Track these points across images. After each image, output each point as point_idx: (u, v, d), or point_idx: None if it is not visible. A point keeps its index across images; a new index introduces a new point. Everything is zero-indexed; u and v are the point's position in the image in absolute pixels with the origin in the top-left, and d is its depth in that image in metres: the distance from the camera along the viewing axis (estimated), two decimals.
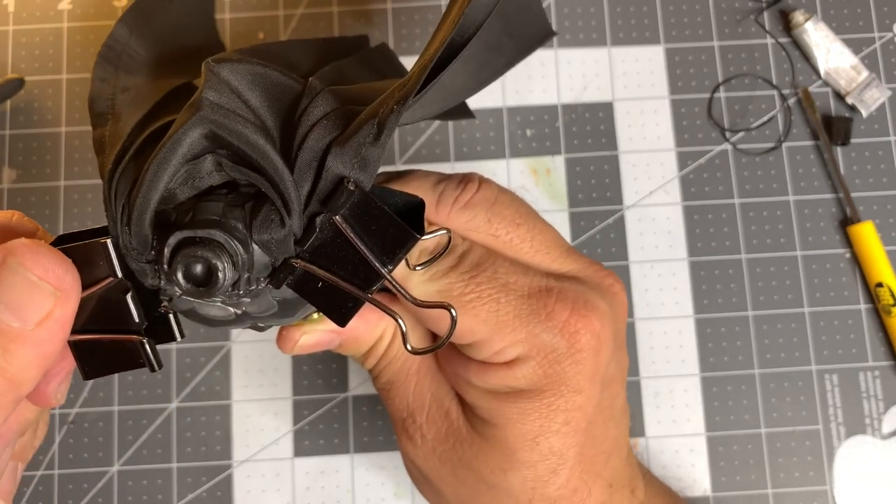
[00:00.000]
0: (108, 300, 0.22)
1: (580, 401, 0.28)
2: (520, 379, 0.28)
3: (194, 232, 0.20)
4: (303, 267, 0.21)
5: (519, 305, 0.27)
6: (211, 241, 0.20)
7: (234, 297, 0.21)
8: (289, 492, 0.40)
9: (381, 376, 0.31)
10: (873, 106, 0.43)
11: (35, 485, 0.40)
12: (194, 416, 0.40)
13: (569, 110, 0.43)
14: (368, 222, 0.21)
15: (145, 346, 0.22)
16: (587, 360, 0.28)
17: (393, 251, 0.21)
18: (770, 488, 0.40)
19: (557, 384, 0.28)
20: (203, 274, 0.20)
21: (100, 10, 0.44)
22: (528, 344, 0.27)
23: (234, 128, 0.20)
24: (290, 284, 0.21)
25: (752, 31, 0.44)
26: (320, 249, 0.21)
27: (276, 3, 0.44)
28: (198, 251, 0.20)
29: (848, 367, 0.41)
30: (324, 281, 0.21)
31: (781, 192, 0.42)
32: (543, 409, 0.28)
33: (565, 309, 0.28)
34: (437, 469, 0.30)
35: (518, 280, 0.28)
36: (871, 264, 0.41)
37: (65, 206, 0.42)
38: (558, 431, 0.28)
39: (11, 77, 0.42)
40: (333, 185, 0.21)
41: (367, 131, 0.21)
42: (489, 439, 0.29)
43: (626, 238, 0.42)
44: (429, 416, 0.30)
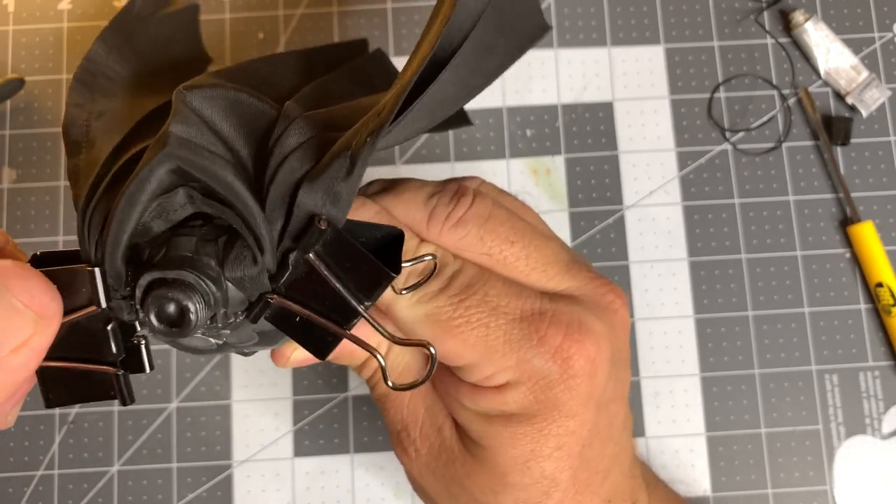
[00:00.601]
0: (86, 329, 0.21)
1: (573, 426, 0.27)
2: (510, 404, 0.27)
3: (164, 273, 0.20)
4: (278, 303, 0.21)
5: (510, 330, 0.26)
6: (182, 283, 0.20)
7: (213, 329, 0.21)
8: (289, 492, 0.40)
9: (376, 388, 0.31)
10: (873, 106, 0.43)
11: (35, 485, 0.40)
12: (194, 416, 0.40)
13: (569, 110, 0.43)
14: (343, 259, 0.20)
15: (120, 380, 0.21)
16: (581, 385, 0.27)
17: (369, 288, 0.21)
18: (770, 488, 0.40)
19: (549, 409, 0.27)
20: (175, 314, 0.20)
21: (100, 10, 0.44)
22: (519, 370, 0.27)
23: (201, 164, 0.20)
24: (268, 318, 0.21)
25: (752, 31, 0.44)
26: (296, 285, 0.21)
27: (276, 3, 0.44)
28: (168, 293, 0.20)
29: (848, 367, 0.41)
30: (301, 316, 0.21)
31: (781, 192, 0.42)
32: (535, 433, 0.27)
33: (558, 333, 0.27)
34: (432, 483, 0.30)
35: (510, 303, 0.27)
36: (871, 264, 0.41)
37: (65, 206, 0.42)
38: (550, 456, 0.27)
39: (11, 77, 0.42)
40: (305, 223, 0.20)
41: (339, 165, 0.20)
42: (480, 461, 0.28)
43: (626, 238, 0.42)
44: (422, 432, 0.30)
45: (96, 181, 0.22)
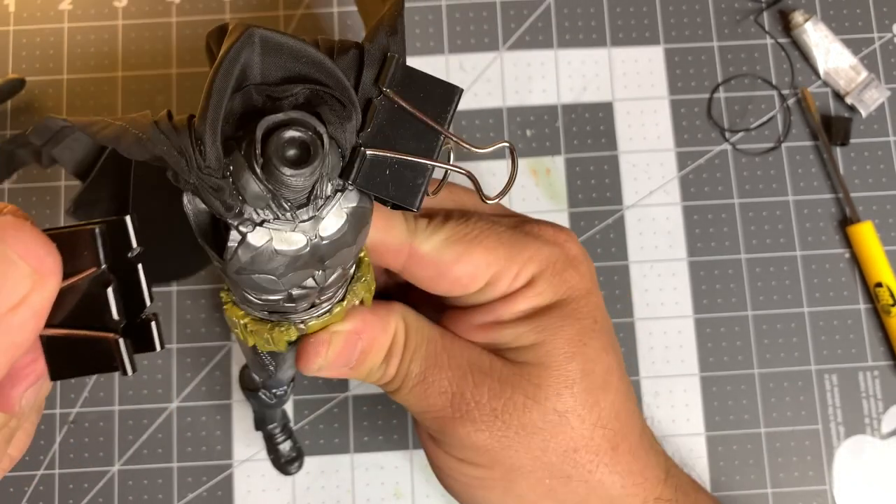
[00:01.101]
0: (87, 295, 0.21)
1: (595, 300, 0.31)
2: (543, 294, 0.30)
3: (282, 116, 0.20)
4: (370, 152, 0.22)
5: (514, 233, 0.30)
6: (298, 121, 0.20)
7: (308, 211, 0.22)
8: (289, 491, 0.40)
9: (410, 372, 0.30)
10: (873, 106, 0.43)
11: (35, 484, 0.40)
12: (194, 415, 0.40)
13: (569, 110, 0.43)
14: (416, 90, 0.22)
15: (120, 346, 0.21)
16: (583, 263, 0.31)
17: (444, 109, 0.23)
18: (770, 488, 0.40)
19: (572, 289, 0.30)
20: (296, 156, 0.20)
21: (100, 10, 0.44)
22: (536, 260, 0.30)
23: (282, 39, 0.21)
24: (360, 180, 0.22)
25: (752, 32, 0.44)
26: (380, 134, 0.22)
27: (276, 3, 0.44)
28: (289, 130, 0.20)
29: (847, 367, 0.41)
30: (390, 165, 0.22)
31: (781, 192, 0.42)
32: (574, 313, 0.30)
33: (548, 228, 0.31)
34: (503, 433, 0.29)
35: (500, 220, 0.31)
36: (870, 264, 0.41)
37: (65, 206, 0.42)
38: (594, 330, 0.30)
39: (12, 77, 0.42)
40: (379, 66, 0.22)
41: (383, 29, 0.23)
42: (544, 361, 0.30)
43: (626, 238, 0.42)
44: (475, 381, 0.30)
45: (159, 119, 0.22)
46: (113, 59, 0.44)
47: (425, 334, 0.30)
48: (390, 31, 0.23)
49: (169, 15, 0.44)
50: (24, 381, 0.22)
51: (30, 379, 0.22)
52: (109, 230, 0.21)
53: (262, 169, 0.20)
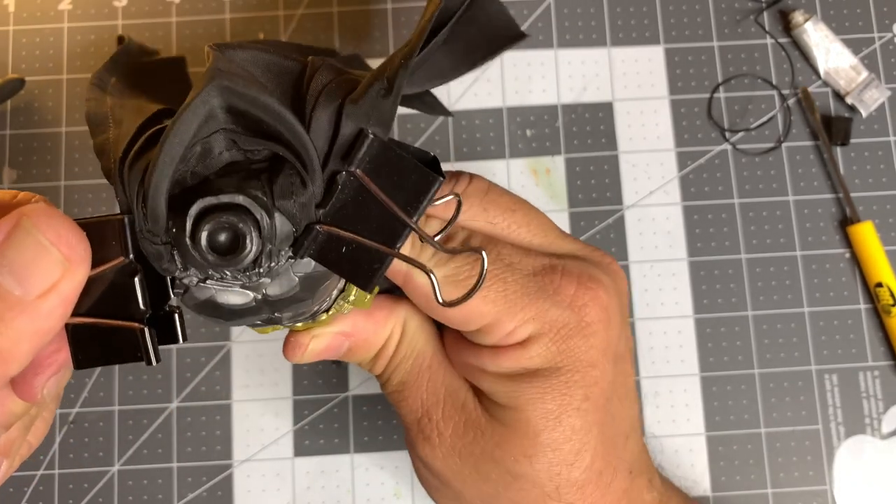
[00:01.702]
0: (114, 284, 0.21)
1: (596, 375, 0.28)
2: (534, 358, 0.28)
3: (217, 198, 0.19)
4: (326, 231, 0.21)
5: (526, 284, 0.27)
6: (235, 207, 0.19)
7: (254, 276, 0.21)
8: (289, 492, 0.40)
9: (392, 378, 0.31)
10: (873, 106, 0.43)
11: (35, 485, 0.40)
12: (194, 415, 0.40)
13: (569, 110, 0.43)
14: (389, 173, 0.21)
15: (146, 336, 0.21)
16: (598, 333, 0.28)
17: (417, 199, 0.21)
18: (770, 488, 0.40)
19: (572, 360, 0.28)
20: (228, 241, 0.19)
21: (100, 10, 0.44)
22: (539, 321, 0.27)
23: (248, 92, 0.20)
24: (313, 254, 0.21)
25: (752, 31, 0.44)
26: (342, 211, 0.21)
27: (276, 3, 0.44)
28: (222, 217, 0.19)
29: (848, 367, 0.41)
30: (348, 245, 0.21)
31: (781, 192, 0.42)
32: (561, 386, 0.28)
33: (571, 284, 0.28)
34: (458, 468, 0.29)
35: (521, 260, 0.28)
36: (870, 264, 0.41)
37: (65, 207, 0.42)
38: (579, 408, 0.28)
39: (12, 77, 0.42)
40: (352, 139, 0.21)
41: (377, 86, 0.21)
42: (510, 425, 0.28)
43: (626, 238, 0.42)
44: (444, 412, 0.30)
45: (130, 143, 0.21)
46: None
47: (416, 347, 0.30)
48: (384, 91, 0.21)
49: (169, 15, 0.44)
50: (47, 369, 0.22)
51: (52, 368, 0.22)
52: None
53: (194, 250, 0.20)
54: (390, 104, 0.21)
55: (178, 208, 0.20)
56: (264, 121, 0.20)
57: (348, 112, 0.21)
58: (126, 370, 0.41)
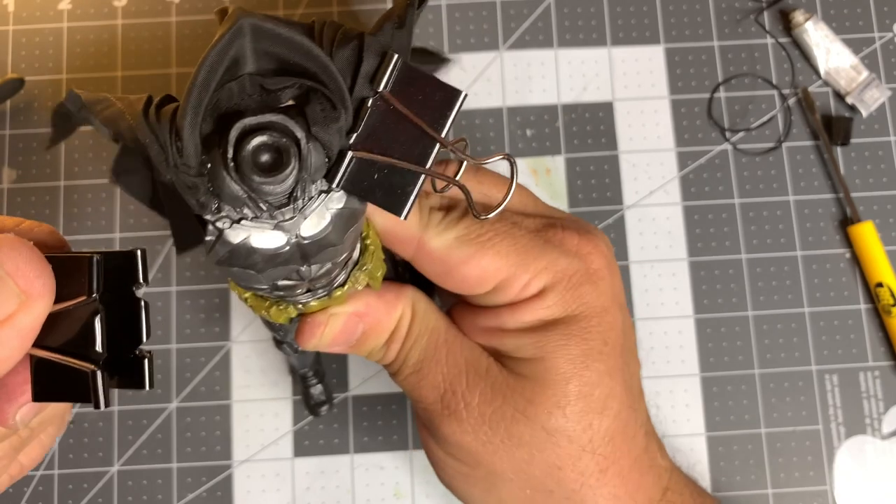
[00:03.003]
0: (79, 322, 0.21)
1: (610, 319, 0.29)
2: (552, 307, 0.29)
3: (257, 118, 0.20)
4: (358, 156, 0.21)
5: (533, 238, 0.29)
6: (275, 125, 0.20)
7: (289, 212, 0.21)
8: (289, 492, 0.40)
9: (408, 359, 0.30)
10: (873, 106, 0.43)
11: (35, 485, 0.40)
12: (194, 416, 0.40)
13: (569, 110, 0.43)
14: (414, 92, 0.21)
15: (96, 379, 0.20)
16: (605, 279, 0.30)
17: (443, 114, 0.21)
18: (770, 488, 0.40)
19: (587, 306, 0.29)
20: (270, 160, 0.20)
21: (100, 10, 0.44)
22: (551, 271, 0.29)
23: (275, 28, 0.20)
24: (346, 184, 0.21)
25: (752, 31, 0.44)
26: (372, 136, 0.21)
27: (276, 4, 0.44)
28: (265, 134, 0.19)
29: (848, 367, 0.41)
30: (379, 170, 0.21)
31: (781, 192, 0.42)
32: (582, 332, 0.29)
33: (573, 235, 0.30)
34: (489, 438, 0.29)
35: (524, 220, 0.30)
36: (871, 264, 0.41)
37: (65, 206, 0.42)
38: (601, 352, 0.29)
39: (11, 77, 0.42)
40: (377, 65, 0.21)
41: (391, 22, 0.22)
42: (539, 378, 0.29)
43: (626, 238, 0.42)
44: (469, 381, 0.30)
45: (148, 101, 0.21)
46: (113, 58, 0.44)
47: (430, 324, 0.30)
48: (397, 24, 0.22)
49: (169, 15, 0.44)
50: (18, 398, 0.22)
51: (25, 397, 0.22)
52: (119, 259, 0.21)
53: (235, 172, 0.20)
54: (406, 35, 0.22)
55: (210, 143, 0.20)
56: (289, 59, 0.20)
57: (368, 42, 0.21)
58: None
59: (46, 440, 0.27)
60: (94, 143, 0.43)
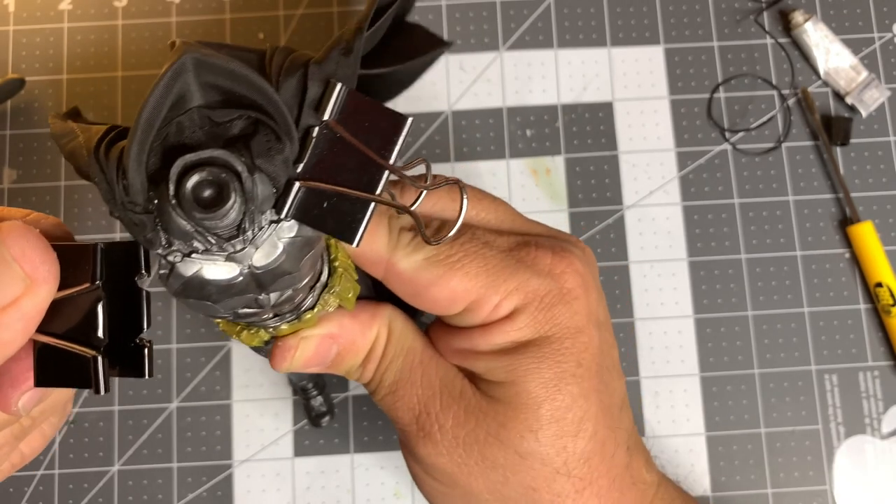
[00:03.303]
0: (82, 309, 0.21)
1: (585, 340, 0.29)
2: (523, 329, 0.28)
3: (198, 154, 0.20)
4: (306, 185, 0.21)
5: (504, 259, 0.28)
6: (217, 161, 0.20)
7: (238, 243, 0.21)
8: (289, 492, 0.40)
9: (384, 380, 0.30)
10: (873, 106, 0.43)
11: (35, 485, 0.40)
12: (194, 415, 0.40)
13: (569, 110, 0.43)
14: (360, 119, 0.21)
15: (97, 364, 0.21)
16: (579, 298, 0.29)
17: (391, 141, 0.21)
18: (770, 488, 0.40)
19: (560, 327, 0.28)
20: (212, 196, 0.20)
21: (100, 10, 0.44)
22: (522, 291, 0.28)
23: (219, 62, 0.20)
24: (295, 213, 0.21)
25: (752, 32, 0.44)
26: (320, 164, 0.21)
27: (276, 4, 0.44)
28: (205, 170, 0.19)
29: (847, 367, 0.41)
30: (329, 198, 0.21)
31: (781, 192, 0.42)
32: (555, 354, 0.28)
33: (546, 254, 0.29)
34: (464, 460, 0.29)
35: (496, 239, 0.29)
36: (870, 264, 0.41)
37: (65, 206, 0.42)
38: (574, 374, 0.28)
39: (12, 77, 0.42)
40: (320, 93, 0.21)
41: (338, 49, 0.22)
42: (511, 402, 0.28)
43: (626, 238, 0.42)
44: (443, 403, 0.29)
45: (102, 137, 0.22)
46: (113, 59, 0.44)
47: (406, 345, 0.30)
48: (344, 51, 0.22)
49: (169, 15, 0.44)
50: (21, 384, 0.22)
51: (28, 384, 0.22)
52: (122, 251, 0.22)
53: (178, 208, 0.20)
54: (353, 62, 0.22)
55: (158, 179, 0.20)
56: (234, 90, 0.21)
57: (313, 71, 0.22)
58: None
59: (48, 430, 0.27)
60: None
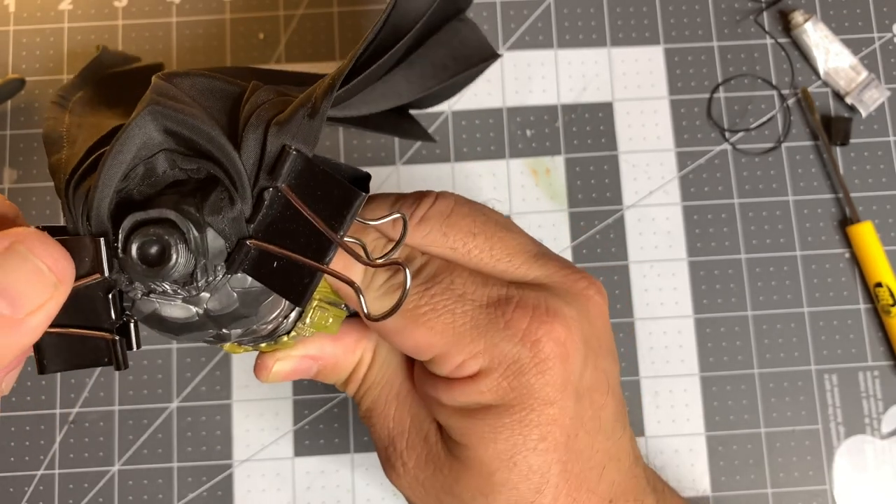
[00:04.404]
0: (86, 297, 0.22)
1: (553, 413, 0.27)
2: (485, 393, 0.27)
3: (146, 213, 0.21)
4: (256, 245, 0.21)
5: (476, 316, 0.27)
6: (164, 221, 0.21)
7: (193, 290, 0.22)
8: (289, 491, 0.40)
9: (361, 403, 0.31)
10: (873, 106, 0.43)
11: (35, 484, 0.40)
12: (194, 415, 0.40)
13: (569, 110, 0.43)
14: (314, 188, 0.21)
15: (117, 345, 0.22)
16: (554, 369, 0.27)
17: (341, 213, 0.21)
18: (770, 488, 0.40)
19: (526, 397, 0.26)
20: (157, 254, 0.21)
21: (100, 10, 0.44)
22: (488, 355, 0.26)
23: (180, 116, 0.21)
24: (246, 269, 0.22)
25: (752, 32, 0.44)
26: (272, 226, 0.22)
27: (276, 4, 0.44)
28: (150, 230, 0.21)
29: (847, 367, 0.41)
30: (278, 260, 0.21)
31: (781, 192, 0.42)
32: (515, 424, 0.27)
33: (524, 317, 0.27)
34: (423, 497, 0.29)
35: (476, 290, 0.27)
36: (870, 264, 0.41)
37: None
38: (535, 448, 0.27)
39: (12, 77, 0.42)
40: (276, 156, 0.22)
41: (304, 110, 0.22)
42: (465, 462, 0.27)
43: (626, 238, 0.42)
44: (409, 443, 0.29)
45: (77, 166, 0.23)
46: None
47: (386, 376, 0.30)
48: (310, 112, 0.22)
49: (169, 15, 0.44)
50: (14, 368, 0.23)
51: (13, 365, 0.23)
52: None
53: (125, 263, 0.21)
54: (316, 125, 0.22)
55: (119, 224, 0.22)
56: (196, 142, 0.21)
57: (273, 132, 0.22)
58: (127, 370, 0.41)
59: None
60: None
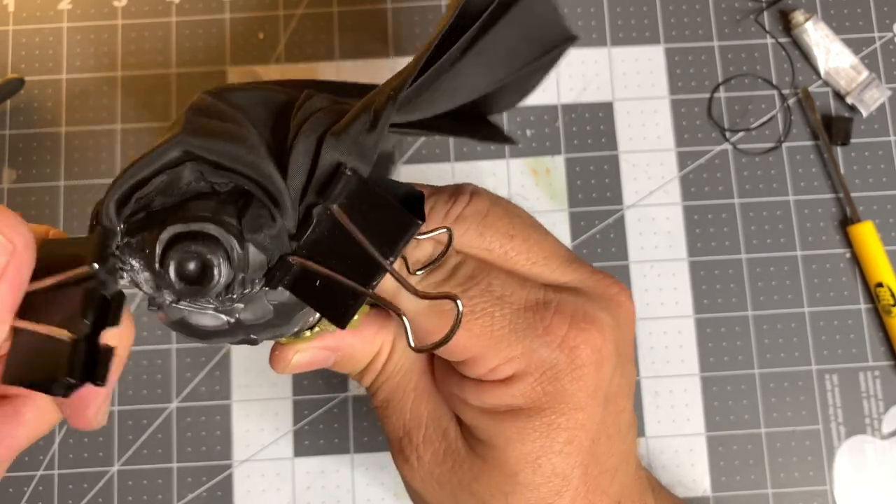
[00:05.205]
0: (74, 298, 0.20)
1: (582, 418, 0.27)
2: (517, 397, 0.27)
3: (187, 226, 0.19)
4: (299, 263, 0.20)
5: (514, 319, 0.26)
6: (205, 236, 0.19)
7: (227, 301, 0.20)
8: (289, 492, 0.40)
9: (377, 394, 0.30)
10: (873, 106, 0.43)
11: (35, 485, 0.40)
12: (194, 415, 0.40)
13: (569, 110, 0.43)
14: (367, 211, 0.20)
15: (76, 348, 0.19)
16: (588, 375, 0.27)
17: (394, 240, 0.20)
18: (770, 488, 0.40)
19: (558, 402, 0.26)
20: (197, 271, 0.19)
21: (100, 10, 0.44)
22: (525, 360, 0.26)
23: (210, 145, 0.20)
24: (287, 285, 0.20)
25: (752, 31, 0.44)
26: (317, 244, 0.20)
27: (276, 3, 0.44)
28: (191, 246, 0.19)
29: (848, 367, 0.41)
30: (321, 278, 0.20)
31: (781, 192, 0.42)
32: (544, 427, 0.27)
33: (564, 322, 0.26)
34: (436, 493, 0.29)
35: (514, 293, 0.27)
36: (871, 264, 0.41)
37: (65, 206, 0.42)
38: (561, 451, 0.27)
39: (11, 77, 0.42)
40: (330, 174, 0.20)
41: (363, 120, 0.20)
42: (489, 461, 0.27)
43: (626, 238, 0.42)
44: (425, 437, 0.29)
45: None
46: (112, 59, 0.44)
47: (404, 367, 0.29)
48: (370, 125, 0.20)
49: (169, 15, 0.44)
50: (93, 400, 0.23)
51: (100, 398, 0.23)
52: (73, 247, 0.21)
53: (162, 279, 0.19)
54: (374, 138, 0.20)
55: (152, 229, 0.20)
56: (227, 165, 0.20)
57: (328, 145, 0.20)
58: (127, 370, 0.41)
59: None
60: (94, 143, 0.43)
